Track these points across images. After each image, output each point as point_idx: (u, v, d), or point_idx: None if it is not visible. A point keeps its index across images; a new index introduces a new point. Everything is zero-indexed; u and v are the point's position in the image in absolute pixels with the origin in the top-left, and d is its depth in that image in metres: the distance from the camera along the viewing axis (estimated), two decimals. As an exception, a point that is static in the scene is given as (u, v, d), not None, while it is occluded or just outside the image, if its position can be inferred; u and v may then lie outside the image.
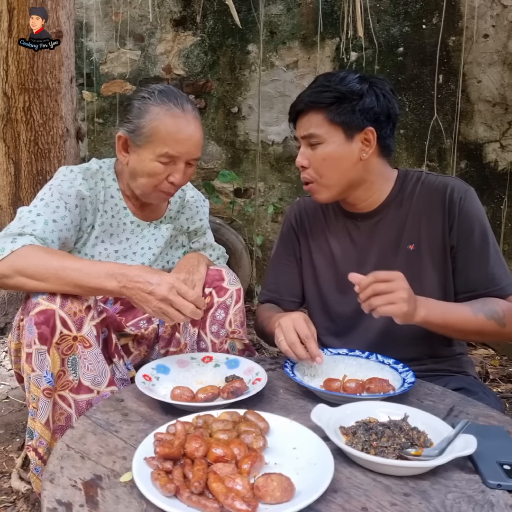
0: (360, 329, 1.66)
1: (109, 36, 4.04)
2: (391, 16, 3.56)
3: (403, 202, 1.62)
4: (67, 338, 1.37)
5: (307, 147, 1.58)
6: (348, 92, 1.52)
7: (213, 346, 1.63)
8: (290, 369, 1.40)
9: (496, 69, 3.42)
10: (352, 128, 1.53)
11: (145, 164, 1.61)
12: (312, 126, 1.55)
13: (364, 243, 1.66)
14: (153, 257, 1.79)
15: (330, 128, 1.54)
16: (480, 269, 1.54)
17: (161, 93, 1.63)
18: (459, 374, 1.65)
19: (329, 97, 1.52)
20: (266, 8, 3.71)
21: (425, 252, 1.59)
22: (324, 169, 1.56)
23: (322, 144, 1.55)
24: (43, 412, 1.37)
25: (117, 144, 1.68)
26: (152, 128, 1.58)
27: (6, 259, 1.41)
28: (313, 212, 1.77)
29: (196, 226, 1.92)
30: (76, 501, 0.91)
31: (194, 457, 0.97)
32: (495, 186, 3.51)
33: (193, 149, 1.63)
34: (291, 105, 1.62)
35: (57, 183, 1.63)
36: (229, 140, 3.97)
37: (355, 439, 1.08)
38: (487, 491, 0.98)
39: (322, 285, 1.73)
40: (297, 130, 1.61)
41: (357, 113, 1.52)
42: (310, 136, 1.56)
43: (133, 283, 1.37)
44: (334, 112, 1.52)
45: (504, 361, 3.12)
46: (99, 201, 1.70)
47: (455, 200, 1.55)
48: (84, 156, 3.96)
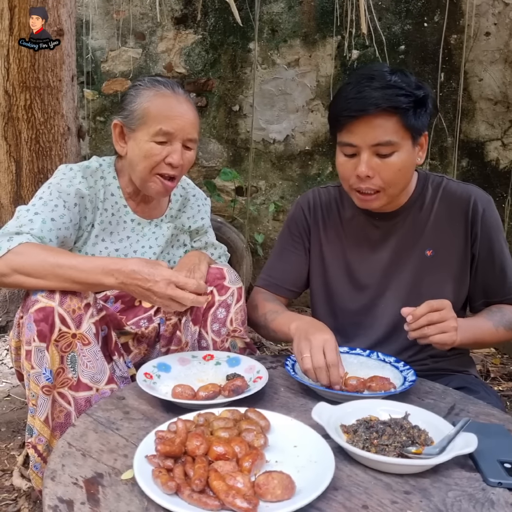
0: (363, 327, 1.65)
1: (110, 34, 4.04)
2: (393, 14, 3.55)
3: (424, 207, 1.61)
4: (66, 336, 1.36)
5: (373, 155, 1.44)
6: (423, 97, 1.44)
7: (214, 344, 1.63)
8: (291, 367, 1.40)
9: (497, 67, 3.42)
10: (419, 133, 1.47)
11: (140, 146, 1.62)
12: (388, 132, 1.42)
13: (379, 242, 1.65)
14: (153, 256, 1.78)
15: (404, 135, 1.44)
16: (500, 279, 1.60)
17: (151, 78, 1.69)
18: (460, 373, 1.65)
19: (406, 102, 1.41)
20: (268, 6, 3.70)
21: (444, 259, 1.59)
22: (398, 179, 1.48)
23: (396, 152, 1.44)
24: (42, 409, 1.37)
25: (114, 134, 1.70)
26: (144, 109, 1.61)
27: (3, 257, 1.41)
28: (327, 205, 1.73)
29: (198, 225, 1.92)
30: (77, 499, 0.91)
31: (195, 455, 0.97)
32: (497, 184, 3.50)
33: (188, 127, 1.62)
34: (341, 108, 1.45)
35: (56, 182, 1.63)
36: (230, 138, 3.97)
37: (356, 437, 1.08)
38: (488, 489, 0.98)
39: (330, 279, 1.72)
40: (357, 136, 1.44)
41: (425, 118, 1.47)
42: (386, 143, 1.42)
43: (130, 280, 1.38)
44: (410, 117, 1.42)
45: (505, 360, 3.12)
46: (99, 199, 1.70)
47: (479, 210, 1.57)
48: (85, 154, 3.96)
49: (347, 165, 1.49)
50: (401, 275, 1.62)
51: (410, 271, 1.61)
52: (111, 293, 1.72)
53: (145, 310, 1.76)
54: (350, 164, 1.48)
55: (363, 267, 1.66)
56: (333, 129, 1.53)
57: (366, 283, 1.66)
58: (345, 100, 1.44)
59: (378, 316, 1.64)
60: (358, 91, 1.42)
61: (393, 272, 1.63)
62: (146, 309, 1.77)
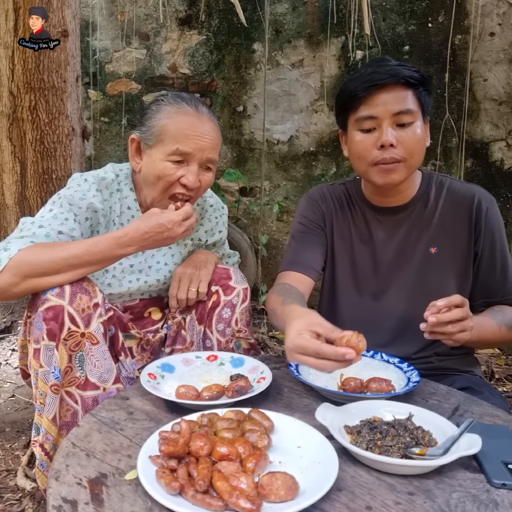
0: (366, 323, 1.64)
1: (115, 35, 4.05)
2: (397, 14, 3.54)
3: (429, 204, 1.63)
4: (75, 335, 1.37)
5: (393, 126, 1.48)
6: (429, 77, 1.52)
7: (218, 344, 1.64)
8: (294, 368, 1.40)
9: (502, 68, 3.41)
10: (427, 112, 1.54)
11: (155, 165, 1.56)
12: (409, 102, 1.47)
13: (383, 237, 1.66)
14: (169, 274, 1.75)
15: (418, 108, 1.50)
16: (501, 278, 1.61)
17: (175, 94, 1.62)
18: (465, 373, 1.65)
19: (420, 78, 1.48)
20: (272, 7, 3.70)
21: (448, 257, 1.61)
22: (417, 148, 1.51)
23: (415, 123, 1.49)
24: (51, 408, 1.37)
25: (130, 149, 1.65)
26: (163, 126, 1.55)
27: (6, 268, 1.36)
28: (338, 199, 1.73)
29: (216, 239, 1.88)
30: (81, 499, 0.92)
31: (199, 455, 0.98)
32: (501, 185, 3.49)
33: (207, 148, 1.56)
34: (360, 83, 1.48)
35: (69, 194, 1.57)
36: (235, 139, 3.97)
37: (359, 438, 1.08)
38: (492, 490, 0.98)
39: (337, 273, 1.72)
40: (378, 107, 1.47)
41: (431, 100, 1.53)
42: (407, 112, 1.47)
43: (146, 242, 1.42)
44: (422, 91, 1.49)
45: (510, 361, 3.11)
46: (115, 213, 1.65)
47: (483, 209, 1.58)
48: (89, 155, 3.97)
49: (367, 141, 1.51)
50: (405, 271, 1.63)
51: (414, 268, 1.62)
52: (120, 304, 1.71)
53: (153, 322, 1.76)
54: (370, 139, 1.50)
55: (367, 263, 1.67)
56: (346, 110, 1.55)
57: (369, 278, 1.67)
58: (363, 76, 1.49)
59: (381, 312, 1.64)
60: (373, 70, 1.48)
61: (397, 268, 1.64)
62: (155, 321, 1.76)
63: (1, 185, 2.92)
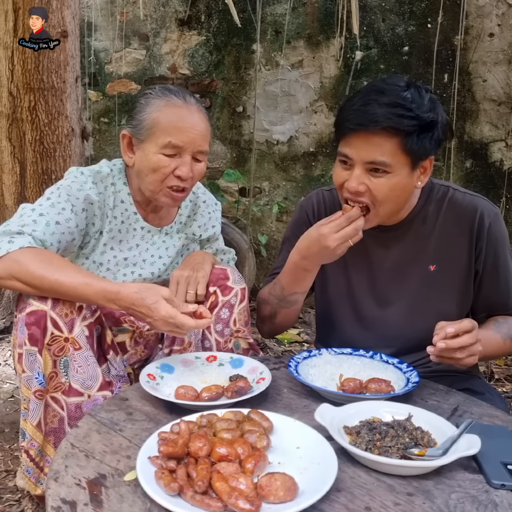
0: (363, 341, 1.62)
1: (114, 36, 4.04)
2: (396, 15, 3.54)
3: (427, 220, 1.56)
4: (58, 339, 1.36)
5: (366, 172, 1.41)
6: (432, 122, 1.38)
7: (217, 345, 1.63)
8: (294, 368, 1.40)
9: (501, 68, 3.41)
10: (421, 157, 1.41)
11: (149, 158, 1.58)
12: (385, 153, 1.37)
13: (379, 254, 1.61)
14: (163, 267, 1.76)
15: (401, 158, 1.38)
16: (503, 294, 1.57)
17: (162, 87, 1.64)
18: (464, 374, 1.65)
19: (411, 125, 1.35)
20: (271, 8, 3.70)
21: (447, 274, 1.56)
22: (387, 199, 1.42)
23: (389, 174, 1.39)
24: (34, 414, 1.37)
25: (122, 144, 1.66)
26: (153, 119, 1.57)
27: (2, 260, 1.38)
28: (332, 210, 1.65)
29: (209, 234, 1.89)
30: (81, 500, 0.92)
31: (198, 456, 0.98)
32: (501, 185, 3.49)
33: (198, 140, 1.58)
34: (344, 118, 1.42)
35: (66, 184, 1.59)
36: (234, 139, 3.96)
37: (359, 438, 1.08)
38: (491, 491, 0.98)
39: (330, 288, 1.69)
40: (353, 150, 1.41)
41: (432, 143, 1.40)
42: (379, 163, 1.38)
43: (131, 310, 1.39)
44: (412, 140, 1.36)
45: (509, 361, 3.11)
46: (108, 206, 1.66)
47: (485, 225, 1.52)
48: (89, 155, 3.97)
49: (341, 175, 1.47)
50: (404, 288, 1.59)
51: (412, 285, 1.58)
52: None
53: None
54: (344, 175, 1.46)
55: (361, 279, 1.63)
56: (336, 136, 1.52)
57: (366, 296, 1.63)
58: (349, 110, 1.41)
59: (379, 329, 1.62)
60: (364, 103, 1.38)
61: (395, 285, 1.60)
62: None
63: (1, 185, 2.91)
